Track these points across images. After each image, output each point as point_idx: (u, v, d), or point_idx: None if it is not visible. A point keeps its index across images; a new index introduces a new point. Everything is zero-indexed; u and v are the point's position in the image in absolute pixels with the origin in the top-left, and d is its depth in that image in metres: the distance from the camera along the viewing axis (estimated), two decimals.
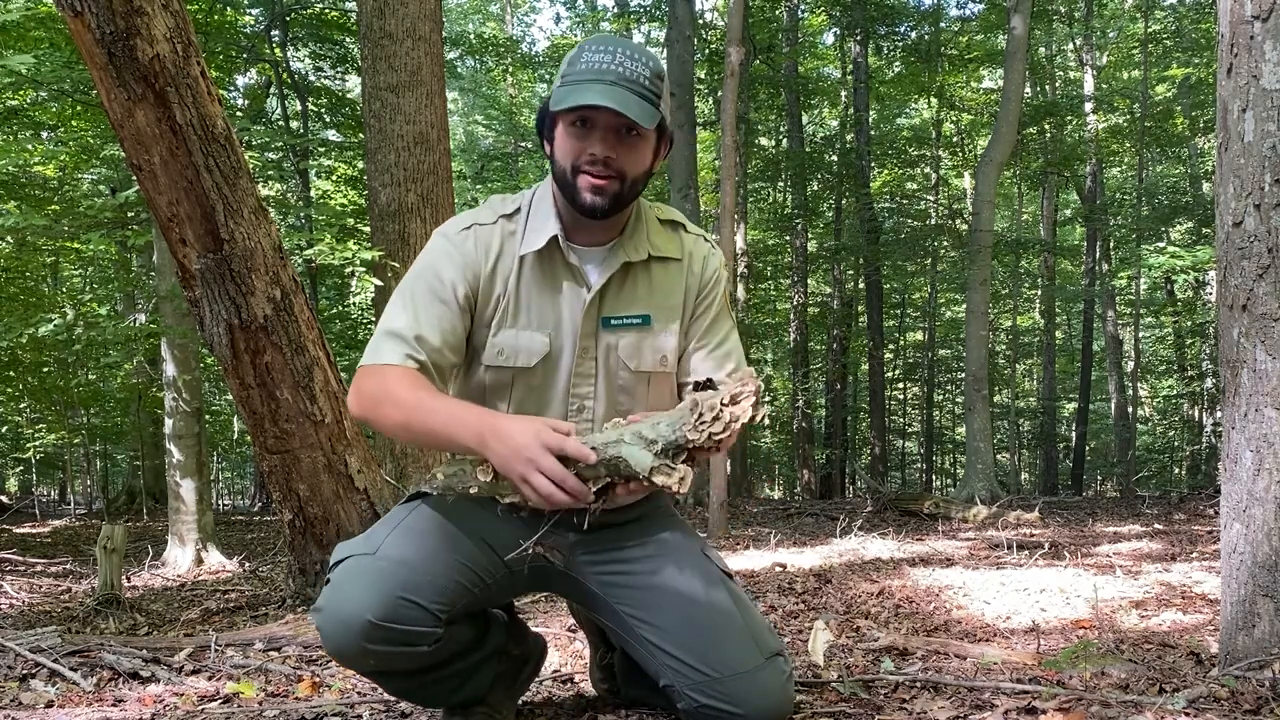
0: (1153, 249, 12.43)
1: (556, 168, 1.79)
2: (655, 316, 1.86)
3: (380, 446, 5.45)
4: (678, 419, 1.61)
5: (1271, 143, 1.98)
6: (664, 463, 1.59)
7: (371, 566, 1.69)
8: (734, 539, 6.78)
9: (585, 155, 1.73)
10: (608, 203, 1.75)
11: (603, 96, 1.67)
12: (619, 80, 1.70)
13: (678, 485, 1.58)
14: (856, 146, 15.92)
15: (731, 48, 7.44)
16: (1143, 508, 9.56)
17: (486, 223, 1.84)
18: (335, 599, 1.68)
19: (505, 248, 1.83)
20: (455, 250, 1.81)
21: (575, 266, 1.83)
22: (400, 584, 1.67)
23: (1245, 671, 1.98)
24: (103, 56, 3.16)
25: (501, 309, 1.82)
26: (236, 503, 20.11)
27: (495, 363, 1.82)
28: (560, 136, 1.76)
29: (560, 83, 1.74)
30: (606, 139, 1.72)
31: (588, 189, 1.74)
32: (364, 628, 1.64)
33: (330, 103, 12.56)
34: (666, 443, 1.59)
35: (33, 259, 10.49)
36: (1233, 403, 2.06)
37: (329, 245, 7.44)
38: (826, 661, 2.34)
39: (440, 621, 1.71)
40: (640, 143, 1.76)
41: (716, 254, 1.94)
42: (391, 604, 1.65)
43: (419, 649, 1.70)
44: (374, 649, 1.67)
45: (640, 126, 1.71)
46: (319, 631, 1.72)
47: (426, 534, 1.76)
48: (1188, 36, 14.12)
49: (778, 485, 21.71)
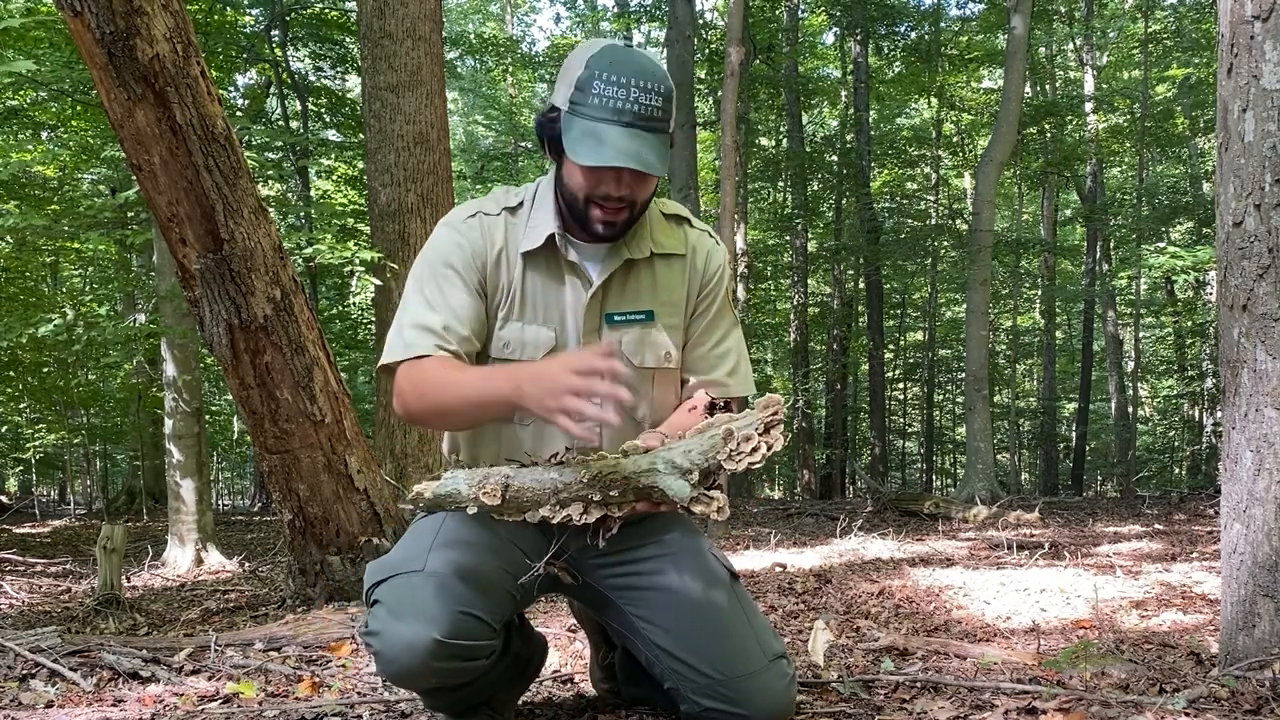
0: (1153, 249, 12.43)
1: (567, 191, 1.77)
2: (659, 312, 1.86)
3: (380, 446, 5.45)
4: (708, 447, 1.58)
5: (1272, 143, 1.97)
6: (701, 492, 1.58)
7: (426, 583, 1.66)
8: (734, 539, 6.78)
9: (600, 191, 1.73)
10: (619, 231, 1.79)
11: (622, 155, 1.65)
12: (635, 121, 1.67)
13: (716, 514, 1.58)
14: (856, 146, 15.92)
15: (731, 48, 7.44)
16: (1143, 508, 9.55)
17: (491, 213, 1.85)
18: (394, 621, 1.64)
19: (509, 240, 1.83)
20: (462, 238, 1.82)
21: (575, 263, 1.83)
22: (459, 598, 1.65)
23: (1245, 671, 1.98)
24: (103, 56, 3.16)
25: (507, 303, 1.82)
26: (236, 503, 20.10)
27: (502, 355, 1.82)
28: (572, 170, 1.74)
29: (569, 107, 1.70)
30: (622, 180, 1.72)
31: (599, 221, 1.75)
32: (430, 647, 1.61)
33: (330, 103, 12.56)
34: (701, 472, 1.58)
35: (33, 259, 10.49)
36: (1233, 403, 2.06)
37: (329, 245, 7.44)
38: (827, 661, 2.34)
39: (497, 633, 1.71)
40: (652, 176, 1.75)
41: (720, 250, 1.94)
42: (456, 620, 1.63)
43: (479, 662, 1.69)
44: (439, 666, 1.64)
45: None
46: (377, 656, 1.67)
47: (469, 545, 1.73)
48: (1188, 36, 14.11)
49: (778, 485, 21.69)
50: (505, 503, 1.61)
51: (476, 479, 1.61)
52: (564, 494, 1.61)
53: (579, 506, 1.62)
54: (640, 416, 1.87)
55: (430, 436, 5.29)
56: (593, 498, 1.60)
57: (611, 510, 1.62)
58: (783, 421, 1.60)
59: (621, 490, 1.60)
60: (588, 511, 1.62)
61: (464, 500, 1.61)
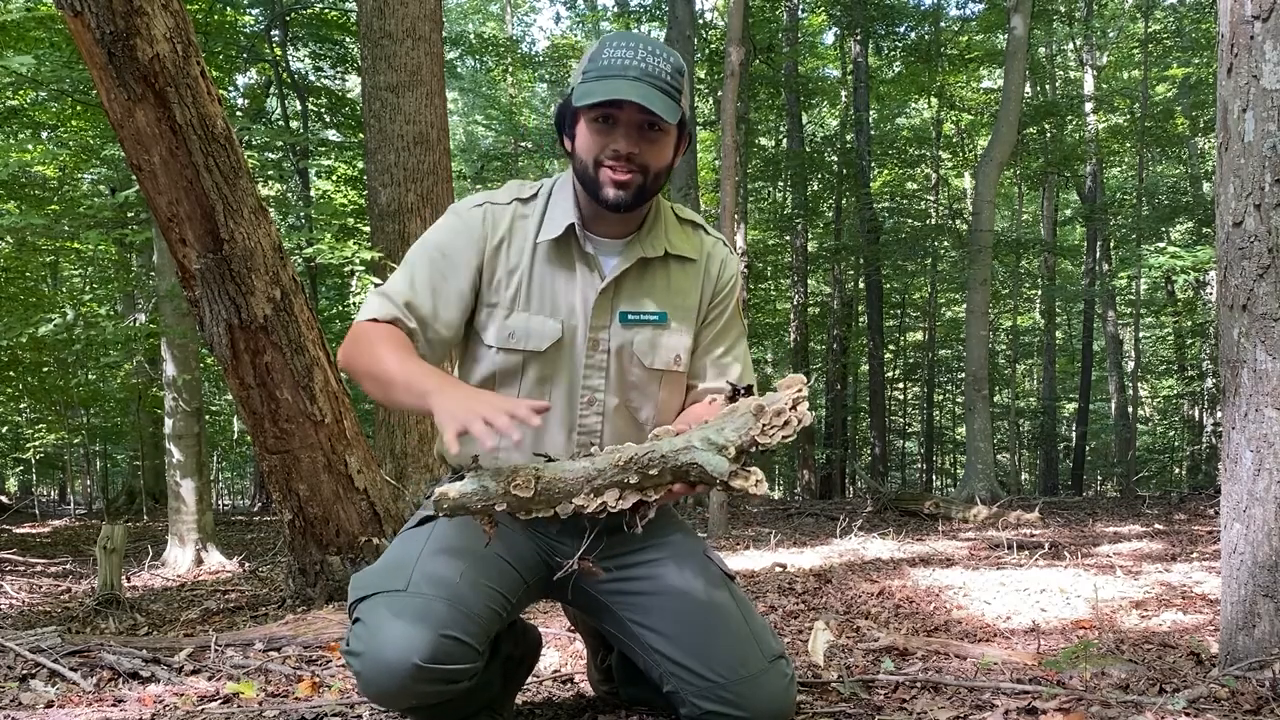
0: (1153, 249, 12.43)
1: (578, 162, 1.77)
2: (671, 315, 1.85)
3: (380, 446, 5.45)
4: (742, 424, 1.58)
5: (1271, 143, 1.97)
6: (739, 467, 1.58)
7: (409, 604, 1.62)
8: (734, 539, 6.78)
9: (608, 150, 1.72)
10: (630, 196, 1.75)
11: (627, 92, 1.67)
12: (642, 76, 1.69)
13: (754, 487, 1.57)
14: (856, 146, 15.92)
15: (731, 48, 7.44)
16: (1143, 508, 9.55)
17: (500, 203, 1.85)
18: (375, 642, 1.61)
19: (515, 229, 1.83)
20: (464, 225, 1.82)
21: (591, 256, 1.82)
22: (441, 621, 1.61)
23: (1245, 671, 1.98)
24: (103, 56, 3.16)
25: (513, 293, 1.81)
26: (236, 503, 20.10)
27: (506, 345, 1.80)
28: (582, 132, 1.75)
29: (581, 78, 1.73)
30: (630, 135, 1.72)
31: (610, 183, 1.74)
32: (410, 671, 1.58)
33: (330, 103, 12.57)
34: (737, 448, 1.58)
35: (33, 259, 10.50)
36: (1233, 403, 2.06)
37: (329, 245, 7.45)
38: (827, 662, 2.34)
39: (480, 655, 1.67)
40: (662, 138, 1.75)
41: (734, 259, 1.94)
42: (437, 644, 1.59)
43: (460, 685, 1.66)
44: (419, 689, 1.62)
45: (663, 122, 1.70)
46: (357, 676, 1.64)
47: (455, 562, 1.70)
48: (1188, 36, 14.11)
49: (778, 485, 21.69)
50: (537, 495, 1.57)
51: (505, 474, 1.58)
52: (598, 481, 1.59)
53: (615, 492, 1.59)
54: (644, 419, 1.86)
55: (431, 436, 5.29)
56: (629, 481, 1.58)
57: (647, 494, 1.61)
58: (807, 398, 1.61)
59: (659, 470, 1.58)
60: (623, 497, 1.60)
61: (493, 497, 1.56)
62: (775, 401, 1.59)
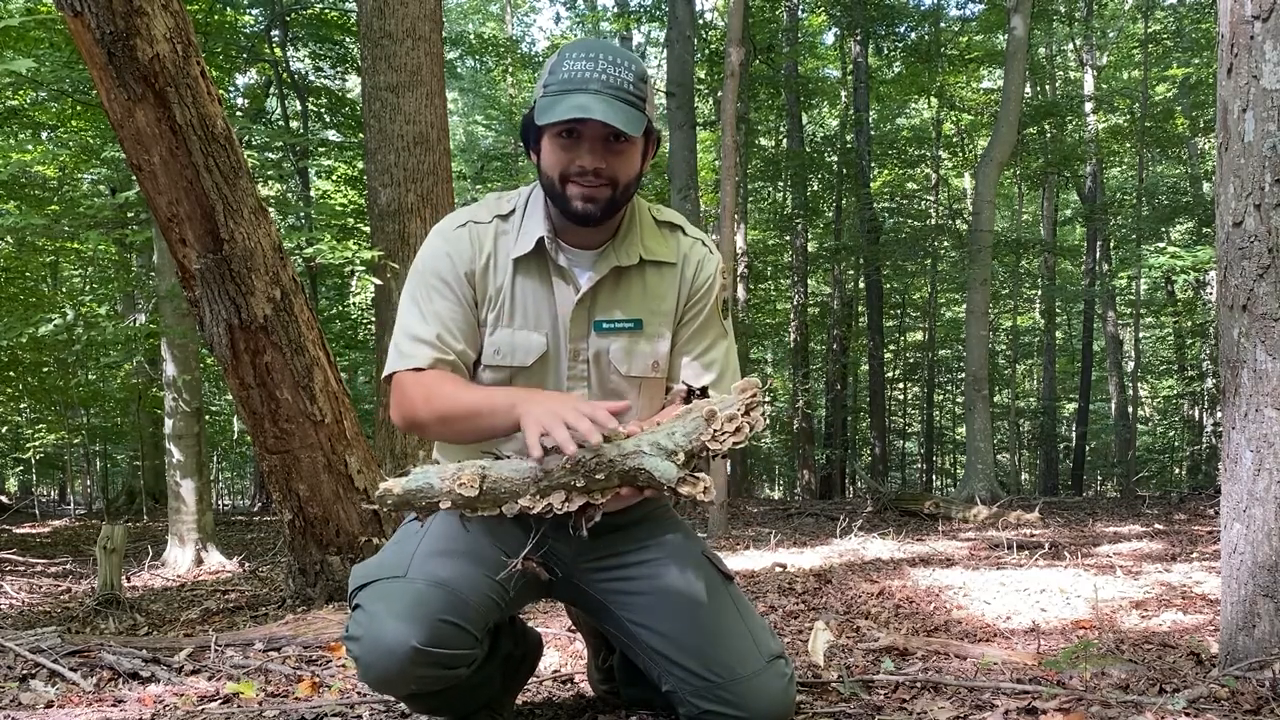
0: (1153, 249, 12.42)
1: (545, 178, 1.77)
2: (647, 321, 1.84)
3: (380, 446, 5.45)
4: (693, 429, 1.58)
5: (1271, 143, 1.97)
6: (688, 474, 1.57)
7: (407, 590, 1.65)
8: (734, 539, 6.78)
9: (574, 166, 1.71)
10: (600, 209, 1.74)
11: (589, 108, 1.65)
12: (603, 88, 1.67)
13: (702, 494, 1.56)
14: (856, 146, 15.92)
15: (731, 48, 7.44)
16: (1143, 508, 9.55)
17: (482, 221, 1.84)
18: (374, 626, 1.63)
19: (499, 247, 1.82)
20: (451, 248, 1.82)
21: (565, 268, 1.81)
22: (440, 606, 1.64)
23: (1245, 671, 1.98)
24: (103, 56, 3.16)
25: (497, 309, 1.81)
26: (236, 503, 20.09)
27: (493, 362, 1.81)
28: (547, 148, 1.74)
29: (542, 92, 1.72)
30: (595, 149, 1.70)
31: (579, 198, 1.73)
32: (409, 654, 1.61)
33: (330, 103, 12.56)
34: (686, 454, 1.57)
35: (33, 259, 10.50)
36: (1233, 403, 2.06)
37: (329, 245, 7.43)
38: (827, 662, 2.34)
39: (479, 642, 1.70)
40: (629, 149, 1.74)
41: (713, 259, 1.91)
42: (435, 628, 1.62)
43: (458, 671, 1.68)
44: (417, 673, 1.64)
45: (627, 134, 1.69)
46: (357, 661, 1.67)
47: (453, 552, 1.72)
48: (1188, 36, 14.11)
49: (778, 485, 21.69)
50: (483, 494, 1.57)
51: (450, 472, 1.58)
52: (545, 482, 1.58)
53: (561, 495, 1.58)
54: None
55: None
56: (575, 484, 1.57)
57: (594, 497, 1.59)
58: (763, 403, 1.60)
59: (606, 474, 1.57)
60: (569, 500, 1.58)
61: (437, 494, 1.56)
62: (728, 406, 1.58)
